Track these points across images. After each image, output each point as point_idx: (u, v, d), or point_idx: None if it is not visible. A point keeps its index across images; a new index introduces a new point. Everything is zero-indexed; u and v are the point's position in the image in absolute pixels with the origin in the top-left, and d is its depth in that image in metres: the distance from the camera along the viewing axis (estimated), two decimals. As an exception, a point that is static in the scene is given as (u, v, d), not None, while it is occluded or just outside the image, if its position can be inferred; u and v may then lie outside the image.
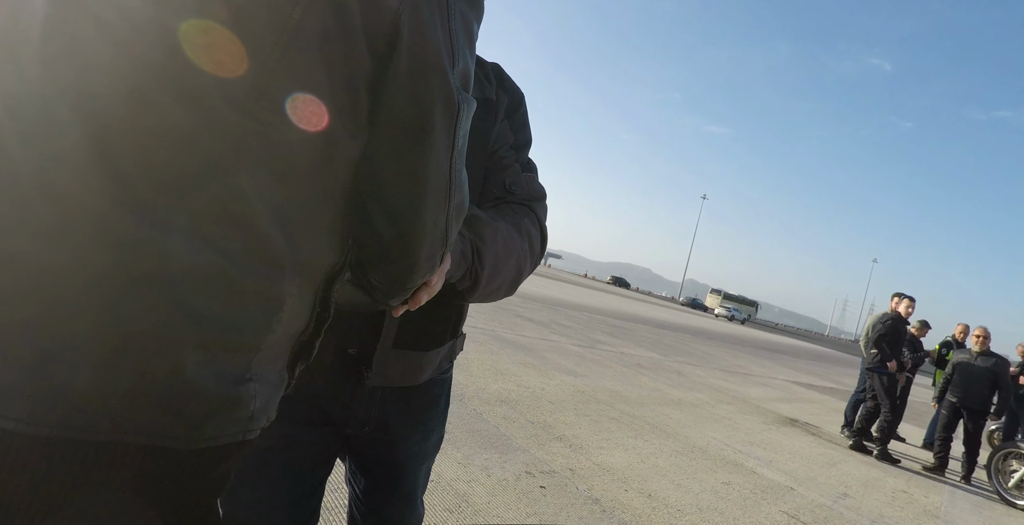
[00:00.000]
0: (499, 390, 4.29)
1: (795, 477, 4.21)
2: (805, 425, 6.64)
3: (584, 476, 3.04)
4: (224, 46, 0.42)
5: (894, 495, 4.53)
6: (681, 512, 2.94)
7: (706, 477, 3.61)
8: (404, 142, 0.53)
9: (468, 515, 2.29)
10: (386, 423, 1.00)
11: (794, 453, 4.99)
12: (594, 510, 2.66)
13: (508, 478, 2.75)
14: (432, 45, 0.50)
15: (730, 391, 7.53)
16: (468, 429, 3.26)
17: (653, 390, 6.06)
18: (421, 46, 0.49)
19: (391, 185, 0.55)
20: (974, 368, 5.99)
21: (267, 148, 0.45)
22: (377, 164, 0.54)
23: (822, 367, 18.59)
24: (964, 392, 5.95)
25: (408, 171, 0.54)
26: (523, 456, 3.08)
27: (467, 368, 4.66)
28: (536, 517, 2.43)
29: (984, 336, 6.16)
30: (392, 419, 1.01)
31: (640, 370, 7.15)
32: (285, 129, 0.45)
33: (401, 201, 0.56)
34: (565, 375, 5.52)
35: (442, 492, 2.42)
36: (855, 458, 5.56)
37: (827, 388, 11.96)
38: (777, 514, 3.30)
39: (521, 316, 9.35)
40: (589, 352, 7.47)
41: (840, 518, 3.54)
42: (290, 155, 0.46)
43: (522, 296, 13.43)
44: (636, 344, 10.06)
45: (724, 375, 9.11)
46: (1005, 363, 6.06)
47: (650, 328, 14.73)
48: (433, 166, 0.55)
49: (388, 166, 0.54)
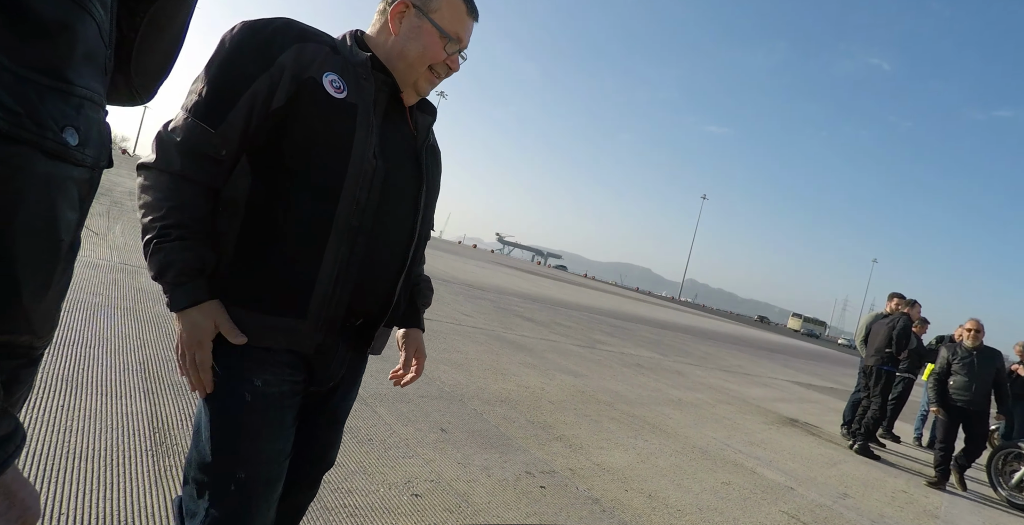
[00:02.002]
0: (499, 390, 4.29)
1: (795, 477, 4.21)
2: (805, 425, 6.64)
3: (584, 476, 3.04)
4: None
5: (894, 495, 4.53)
6: (681, 512, 2.94)
7: (706, 477, 3.61)
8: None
9: (468, 515, 2.29)
10: (340, 382, 1.23)
11: (794, 453, 4.99)
12: (594, 510, 2.66)
13: (508, 478, 2.75)
14: None
15: (730, 391, 7.53)
16: (468, 429, 3.26)
17: (653, 390, 6.06)
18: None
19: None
20: (973, 366, 5.48)
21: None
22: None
23: (822, 367, 18.59)
24: (971, 394, 5.39)
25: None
26: (523, 456, 3.08)
27: (467, 368, 4.66)
28: (536, 517, 2.43)
29: (977, 330, 5.64)
30: (345, 379, 1.24)
31: (640, 370, 7.15)
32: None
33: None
34: (565, 375, 5.52)
35: (442, 492, 2.42)
36: (855, 458, 5.56)
37: (827, 388, 11.96)
38: (777, 514, 3.30)
39: (521, 316, 9.35)
40: (589, 352, 7.47)
41: (840, 518, 3.54)
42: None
43: (522, 296, 13.43)
44: (636, 344, 10.06)
45: (724, 375, 9.11)
46: (1002, 358, 5.69)
47: (650, 328, 14.73)
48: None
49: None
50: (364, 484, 2.31)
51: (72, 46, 0.45)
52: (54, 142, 0.44)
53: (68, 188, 0.47)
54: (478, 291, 11.64)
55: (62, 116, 0.45)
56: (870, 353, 6.21)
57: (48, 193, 0.44)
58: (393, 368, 1.40)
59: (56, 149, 0.44)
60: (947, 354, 5.65)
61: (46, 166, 0.44)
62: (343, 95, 1.06)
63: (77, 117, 0.46)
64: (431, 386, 3.86)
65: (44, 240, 0.46)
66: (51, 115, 0.44)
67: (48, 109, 0.43)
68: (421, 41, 1.16)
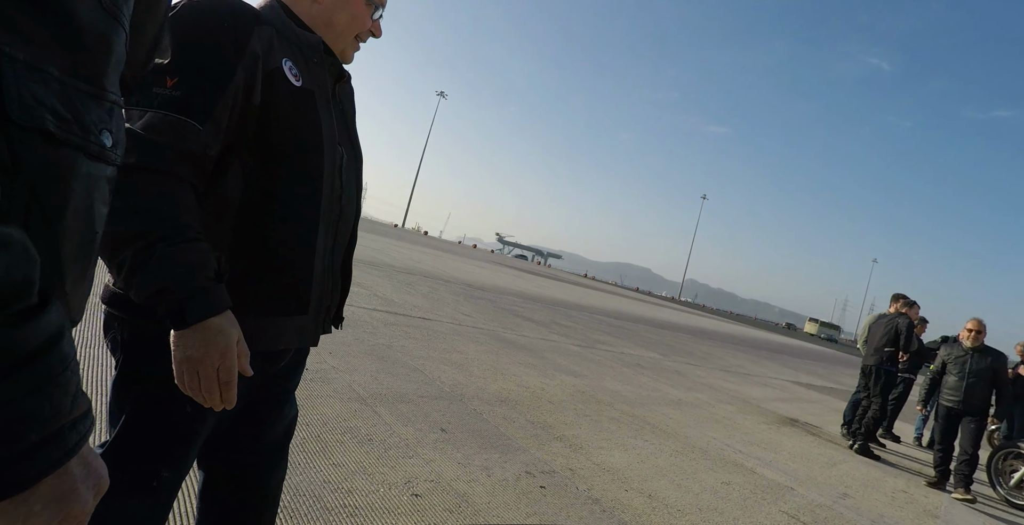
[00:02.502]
0: (499, 390, 4.29)
1: (795, 477, 4.21)
2: (805, 425, 6.64)
3: (584, 476, 3.04)
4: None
5: (894, 495, 4.54)
6: (681, 512, 2.94)
7: (706, 477, 3.61)
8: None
9: (468, 515, 2.29)
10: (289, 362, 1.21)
11: (794, 453, 4.99)
12: (594, 510, 2.67)
13: (508, 478, 2.75)
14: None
15: (730, 391, 7.53)
16: (468, 429, 3.27)
17: (653, 390, 6.06)
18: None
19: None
20: (970, 367, 5.31)
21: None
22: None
23: (822, 367, 18.59)
24: (962, 395, 5.25)
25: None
26: (523, 456, 3.08)
27: (467, 368, 4.66)
28: (536, 517, 2.43)
29: (978, 330, 5.40)
30: (295, 358, 1.22)
31: (640, 370, 7.15)
32: None
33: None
34: (565, 375, 5.52)
35: (442, 492, 2.42)
36: (855, 458, 5.56)
37: (827, 388, 11.96)
38: (777, 514, 3.30)
39: (521, 316, 9.35)
40: (589, 352, 7.47)
41: (840, 518, 3.54)
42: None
43: (522, 296, 13.44)
44: (636, 344, 10.06)
45: (724, 375, 9.10)
46: (1003, 359, 5.43)
47: (650, 328, 14.73)
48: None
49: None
50: (364, 484, 2.31)
51: (108, 55, 0.50)
52: (95, 145, 0.48)
53: (102, 186, 0.52)
54: (478, 291, 11.64)
55: (100, 120, 0.49)
56: (869, 353, 6.20)
57: (89, 191, 0.49)
58: (393, 371, 1.40)
59: (97, 151, 0.49)
60: (944, 353, 5.59)
61: (88, 167, 0.48)
62: (300, 83, 1.03)
63: (110, 121, 0.51)
64: (431, 386, 3.86)
65: (85, 234, 0.50)
66: (92, 120, 0.48)
67: (90, 115, 0.48)
68: (350, 10, 1.13)
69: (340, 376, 3.56)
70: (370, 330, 5.06)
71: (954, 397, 5.29)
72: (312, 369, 3.54)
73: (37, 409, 0.38)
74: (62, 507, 0.41)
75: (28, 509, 0.39)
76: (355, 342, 4.48)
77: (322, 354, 3.89)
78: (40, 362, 0.39)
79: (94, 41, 0.47)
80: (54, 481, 0.40)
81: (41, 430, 0.39)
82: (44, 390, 0.39)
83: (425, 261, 16.10)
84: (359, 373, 3.71)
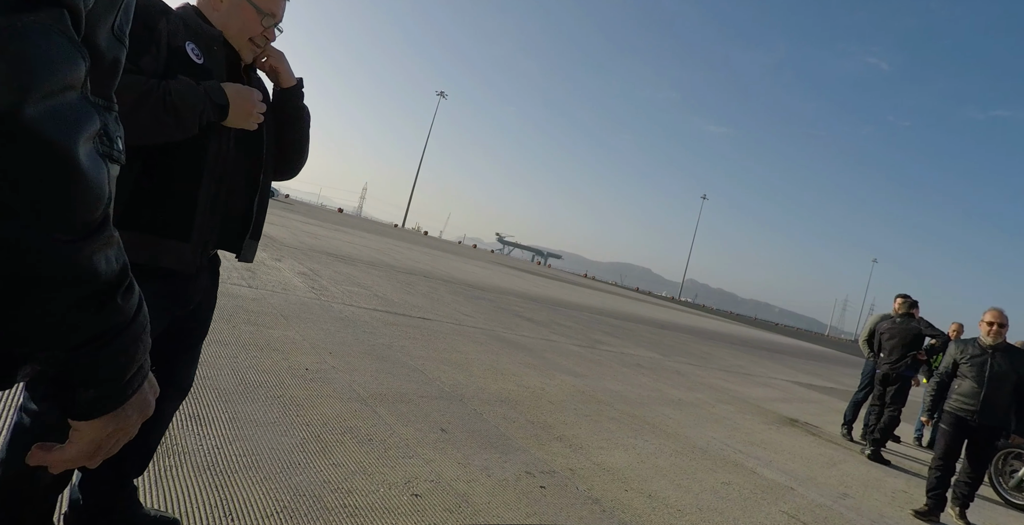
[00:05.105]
0: (499, 390, 4.29)
1: (795, 477, 4.21)
2: (805, 425, 6.64)
3: (584, 476, 3.04)
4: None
5: (894, 495, 4.53)
6: (681, 512, 2.94)
7: (706, 477, 3.61)
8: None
9: (468, 515, 2.29)
10: (198, 308, 1.54)
11: (794, 453, 4.99)
12: (594, 510, 2.66)
13: (508, 478, 2.75)
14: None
15: (730, 391, 7.53)
16: (468, 429, 3.26)
17: (653, 390, 6.06)
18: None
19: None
20: (991, 369, 4.23)
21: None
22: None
23: (822, 367, 18.58)
24: (979, 404, 4.20)
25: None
26: (523, 456, 3.08)
27: (467, 368, 4.66)
28: (536, 517, 2.43)
29: (1000, 323, 4.33)
30: (203, 305, 1.55)
31: (640, 370, 7.14)
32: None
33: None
34: (565, 375, 5.52)
35: (442, 492, 2.42)
36: (855, 458, 5.56)
37: (827, 388, 11.95)
38: (777, 514, 3.30)
39: (521, 316, 9.35)
40: (589, 352, 7.47)
41: (840, 518, 3.54)
42: None
43: (522, 296, 13.44)
44: (636, 344, 10.06)
45: (724, 375, 9.10)
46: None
47: (650, 328, 14.72)
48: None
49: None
50: (364, 484, 2.31)
51: (117, 74, 0.59)
52: (116, 152, 0.58)
53: (113, 186, 0.61)
54: (478, 291, 11.64)
55: (115, 130, 0.59)
56: (885, 360, 6.04)
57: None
58: (393, 371, 1.43)
59: (116, 156, 0.58)
60: (955, 352, 4.49)
61: (112, 170, 0.56)
62: (201, 61, 1.35)
63: (119, 129, 0.60)
64: (431, 386, 3.86)
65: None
66: (111, 130, 0.58)
67: (110, 127, 0.57)
68: (241, 17, 1.44)
69: (340, 376, 3.56)
70: (370, 330, 5.06)
71: (969, 405, 4.25)
72: (312, 369, 3.54)
73: (136, 352, 0.57)
74: (142, 410, 0.62)
75: (126, 413, 0.60)
76: (355, 342, 4.48)
77: (322, 354, 3.89)
78: (136, 321, 0.57)
79: (111, 65, 0.57)
80: (138, 396, 0.61)
81: (135, 365, 0.58)
82: (141, 338, 0.58)
83: (425, 261, 16.10)
84: (359, 373, 3.71)
